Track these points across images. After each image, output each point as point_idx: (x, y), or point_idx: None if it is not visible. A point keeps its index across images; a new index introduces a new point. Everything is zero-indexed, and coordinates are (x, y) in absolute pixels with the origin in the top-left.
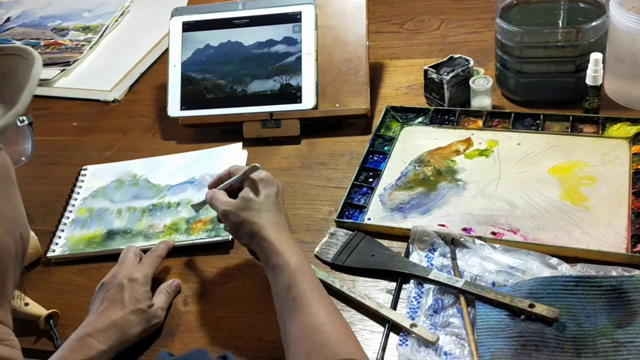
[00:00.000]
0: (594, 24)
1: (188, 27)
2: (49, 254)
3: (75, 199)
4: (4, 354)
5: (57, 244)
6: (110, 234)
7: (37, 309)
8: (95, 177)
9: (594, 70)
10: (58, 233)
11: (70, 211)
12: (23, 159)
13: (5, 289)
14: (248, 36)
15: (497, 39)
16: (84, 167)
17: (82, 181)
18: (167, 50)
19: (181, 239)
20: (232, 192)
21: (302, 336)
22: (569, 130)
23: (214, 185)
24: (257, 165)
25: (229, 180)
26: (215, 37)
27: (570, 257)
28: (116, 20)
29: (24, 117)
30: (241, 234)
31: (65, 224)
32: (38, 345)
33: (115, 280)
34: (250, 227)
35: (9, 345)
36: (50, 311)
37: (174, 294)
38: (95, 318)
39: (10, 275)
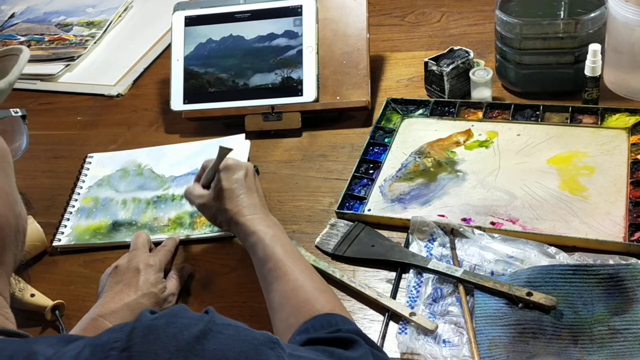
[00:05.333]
0: (592, 15)
1: (190, 21)
2: (55, 243)
3: (81, 187)
4: (2, 323)
5: (62, 233)
6: (116, 225)
7: (43, 300)
8: (101, 165)
9: (593, 62)
10: (64, 222)
11: (76, 200)
12: (19, 153)
13: (4, 258)
14: (249, 30)
15: (496, 30)
16: (89, 155)
17: (88, 169)
18: (170, 45)
19: (185, 233)
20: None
21: (283, 301)
22: (568, 121)
23: (197, 179)
24: (227, 147)
25: (205, 173)
26: (217, 31)
27: (568, 246)
28: (120, 16)
29: (18, 110)
30: (220, 222)
31: (71, 212)
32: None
33: (132, 265)
34: (225, 214)
35: (2, 315)
36: (55, 302)
37: (185, 278)
38: (109, 299)
39: (9, 246)
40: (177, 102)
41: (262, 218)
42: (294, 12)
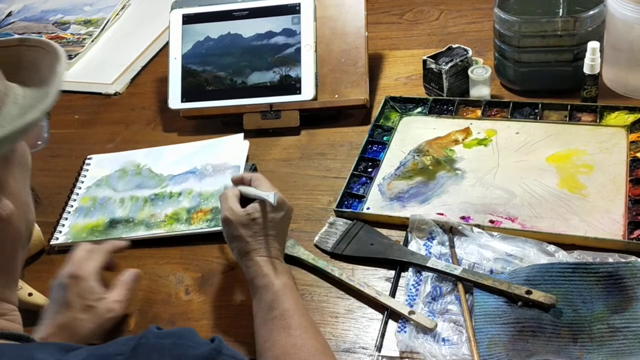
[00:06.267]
0: (591, 12)
1: (188, 19)
2: (53, 242)
3: (80, 188)
4: (6, 327)
5: (60, 232)
6: (113, 223)
7: (40, 299)
8: (100, 166)
9: (592, 59)
10: (62, 221)
11: (74, 200)
12: (39, 142)
13: (15, 268)
14: (247, 28)
15: (495, 28)
16: (88, 156)
17: (87, 170)
18: (167, 43)
19: (182, 228)
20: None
21: (280, 356)
22: (567, 119)
23: (235, 182)
24: (271, 200)
25: (246, 189)
26: (215, 29)
27: (567, 244)
28: (117, 14)
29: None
30: (233, 247)
31: (69, 212)
32: None
33: (57, 281)
34: (243, 246)
35: (10, 320)
36: None
37: (131, 285)
38: (47, 323)
39: (19, 253)
40: (174, 101)
41: (278, 263)
42: (292, 10)
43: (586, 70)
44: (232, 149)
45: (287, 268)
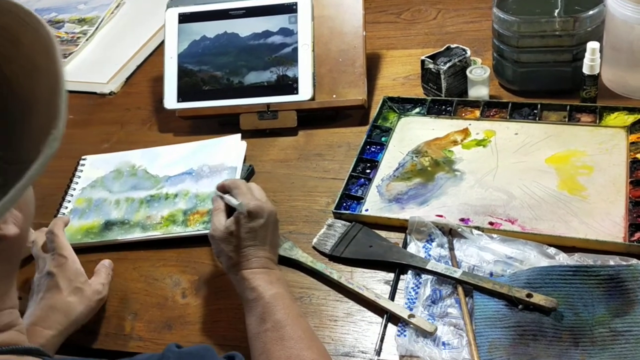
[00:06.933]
0: (590, 12)
1: (184, 18)
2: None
3: (74, 189)
4: (16, 340)
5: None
6: (108, 225)
7: None
8: (95, 167)
9: (591, 60)
10: None
11: (69, 201)
12: None
13: (15, 271)
14: (244, 27)
15: (494, 28)
16: (83, 157)
17: (81, 171)
18: (163, 41)
19: (178, 230)
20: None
21: None
22: (567, 119)
23: (220, 190)
24: (242, 209)
25: (227, 197)
26: (212, 29)
27: (568, 246)
28: (112, 12)
29: None
30: (221, 261)
31: (64, 214)
32: None
33: (44, 272)
34: (228, 261)
35: (19, 331)
36: None
37: (110, 270)
38: (37, 308)
39: (19, 260)
40: (170, 101)
41: (266, 273)
42: (289, 9)
43: (585, 70)
44: (230, 149)
45: (278, 276)
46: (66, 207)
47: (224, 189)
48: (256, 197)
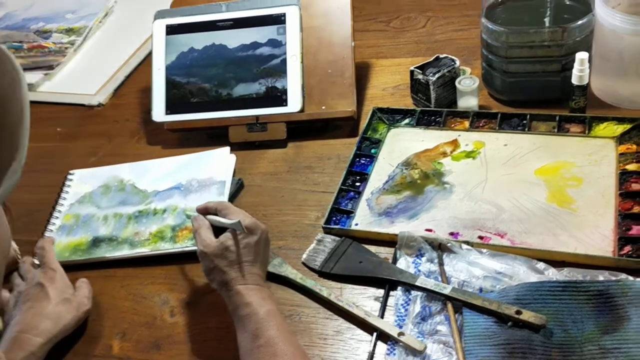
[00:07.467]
0: (579, 22)
1: (171, 30)
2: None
3: (62, 205)
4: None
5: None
6: (96, 241)
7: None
8: (82, 182)
9: (580, 70)
10: None
11: (57, 217)
12: None
13: None
14: (232, 39)
15: (482, 38)
16: (70, 172)
17: (69, 186)
18: (151, 51)
19: (167, 247)
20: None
21: None
22: (556, 130)
23: (201, 211)
24: (238, 228)
25: (218, 219)
26: (199, 40)
27: (557, 260)
28: (100, 21)
29: None
30: (212, 279)
31: (52, 230)
32: None
33: (34, 282)
34: (222, 277)
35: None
36: None
37: (90, 285)
38: (26, 317)
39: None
40: (158, 113)
41: (259, 290)
42: (278, 20)
43: (574, 81)
44: (219, 163)
45: (269, 293)
46: (54, 224)
47: (207, 211)
48: (248, 215)
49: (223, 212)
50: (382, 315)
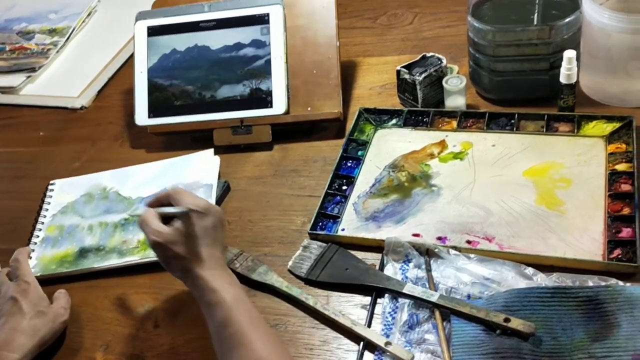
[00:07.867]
0: (567, 20)
1: (153, 31)
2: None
3: (44, 216)
4: None
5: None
6: (83, 252)
7: None
8: (64, 191)
9: (568, 69)
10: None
11: (40, 229)
12: None
13: None
14: (215, 40)
15: (469, 37)
16: (51, 182)
17: (50, 197)
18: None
19: (154, 255)
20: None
21: None
22: (544, 129)
23: (151, 205)
24: (190, 207)
25: (165, 209)
26: (182, 42)
27: (546, 265)
28: (83, 21)
29: None
30: (173, 268)
31: (36, 243)
32: None
33: (6, 297)
34: (182, 263)
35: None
36: None
37: (68, 295)
38: (1, 333)
39: None
40: (141, 117)
41: (223, 274)
42: (261, 20)
43: (562, 80)
44: (203, 166)
45: (232, 276)
46: (37, 236)
47: (159, 202)
48: (200, 199)
49: (175, 197)
50: (369, 324)
